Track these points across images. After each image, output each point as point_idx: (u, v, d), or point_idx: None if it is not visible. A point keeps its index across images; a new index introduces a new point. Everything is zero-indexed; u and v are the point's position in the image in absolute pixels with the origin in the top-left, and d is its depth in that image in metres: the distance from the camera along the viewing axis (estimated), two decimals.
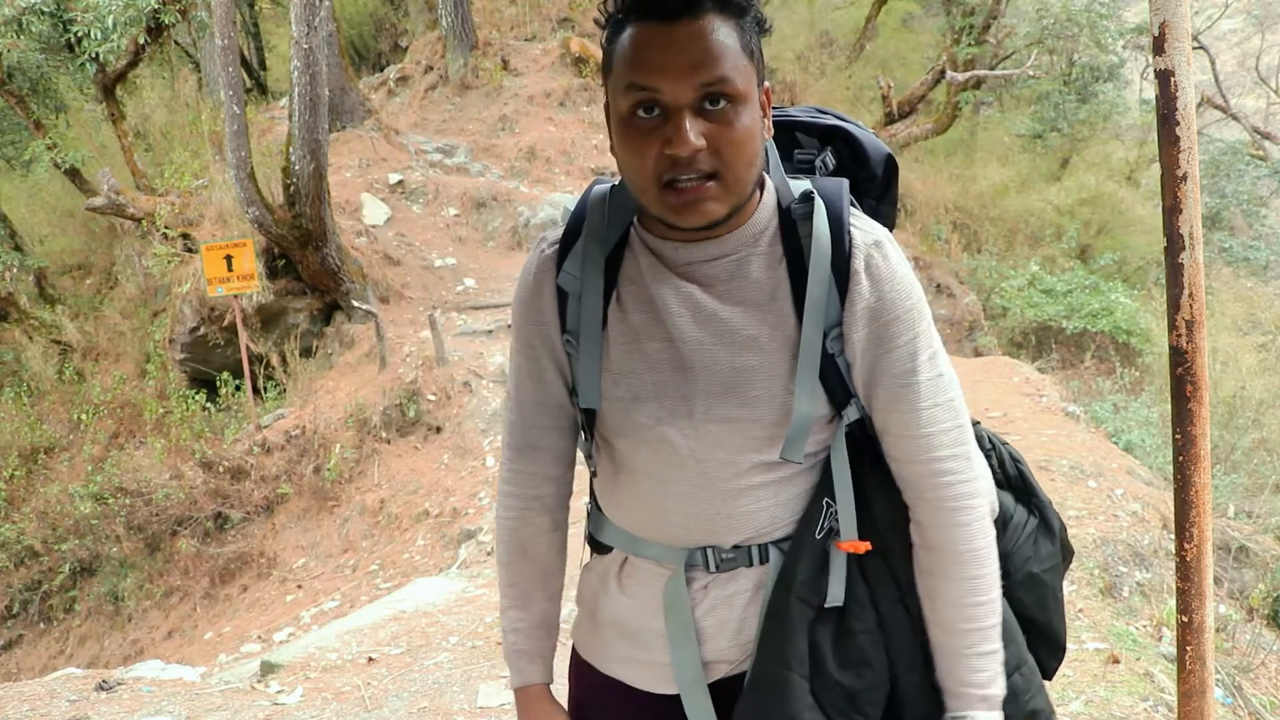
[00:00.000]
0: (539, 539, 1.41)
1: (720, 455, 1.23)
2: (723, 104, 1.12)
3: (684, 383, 1.22)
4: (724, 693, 1.29)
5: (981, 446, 1.36)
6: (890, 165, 1.38)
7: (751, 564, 1.26)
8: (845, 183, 1.25)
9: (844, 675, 1.22)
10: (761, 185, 1.24)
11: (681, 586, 1.27)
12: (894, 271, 1.20)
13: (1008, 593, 1.31)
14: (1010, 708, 1.25)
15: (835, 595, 1.23)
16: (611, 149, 1.21)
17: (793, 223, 1.23)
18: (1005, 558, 1.32)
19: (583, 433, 1.34)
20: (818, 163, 1.35)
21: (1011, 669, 1.27)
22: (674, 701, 1.30)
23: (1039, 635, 1.37)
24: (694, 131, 1.10)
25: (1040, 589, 1.37)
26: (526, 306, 1.32)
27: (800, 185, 1.25)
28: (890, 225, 1.37)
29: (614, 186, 1.30)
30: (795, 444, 1.21)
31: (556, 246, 1.30)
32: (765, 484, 1.24)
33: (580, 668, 1.42)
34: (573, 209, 1.32)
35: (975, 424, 1.34)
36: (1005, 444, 1.42)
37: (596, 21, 1.21)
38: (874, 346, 1.21)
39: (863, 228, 1.22)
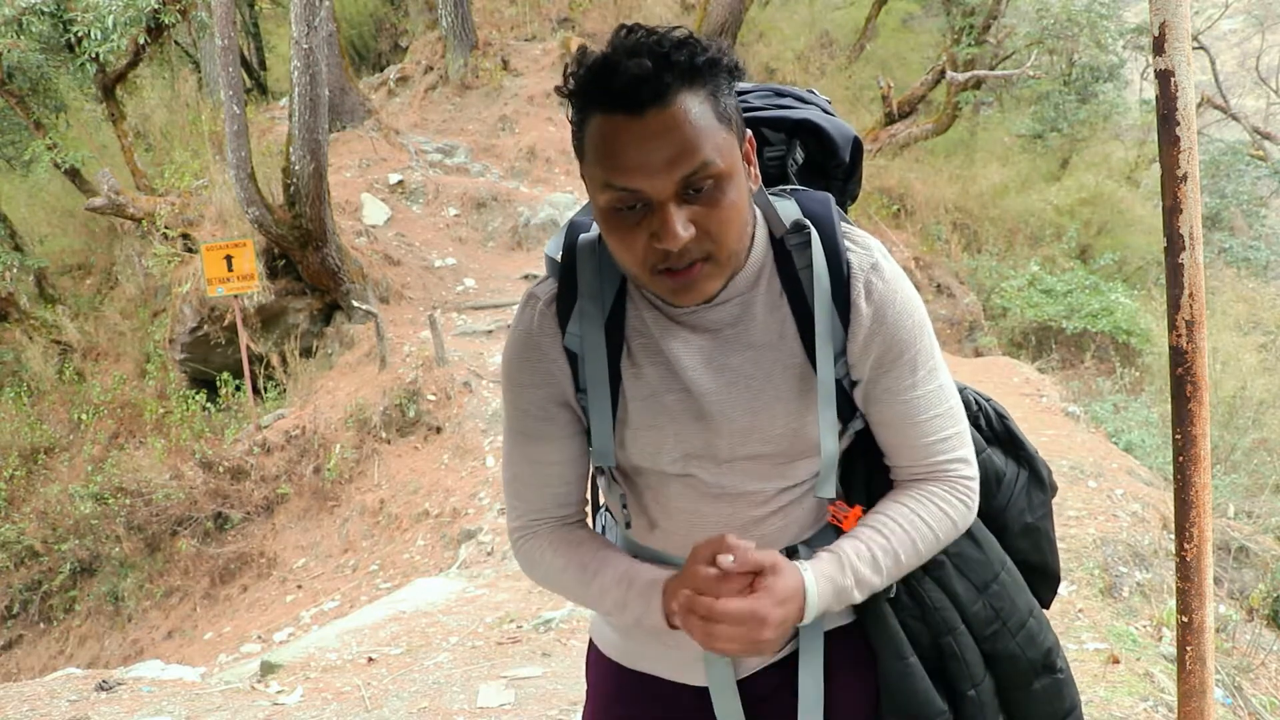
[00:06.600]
0: (578, 532, 1.36)
1: (750, 486, 1.26)
2: (707, 186, 1.09)
3: (706, 430, 1.23)
4: (755, 688, 1.32)
5: (968, 410, 1.39)
6: (856, 146, 1.38)
7: None
8: (830, 199, 1.25)
9: (925, 628, 1.30)
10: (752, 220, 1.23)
11: None
12: (894, 293, 1.21)
13: (1007, 544, 1.39)
14: (1031, 649, 1.34)
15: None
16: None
17: (788, 252, 1.23)
18: (1002, 513, 1.40)
19: (601, 472, 1.32)
20: (788, 160, 1.34)
21: (1025, 616, 1.35)
22: (704, 692, 1.33)
23: (1037, 574, 1.43)
24: (681, 222, 1.08)
25: (1036, 536, 1.43)
26: (533, 369, 1.27)
27: (785, 205, 1.24)
28: (854, 198, 1.42)
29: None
30: (828, 481, 1.24)
31: (554, 305, 1.26)
32: (792, 500, 1.28)
33: (604, 665, 1.44)
34: (555, 256, 1.27)
35: (961, 389, 1.38)
36: (989, 400, 1.45)
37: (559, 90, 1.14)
38: (877, 366, 1.23)
39: (857, 248, 1.22)
